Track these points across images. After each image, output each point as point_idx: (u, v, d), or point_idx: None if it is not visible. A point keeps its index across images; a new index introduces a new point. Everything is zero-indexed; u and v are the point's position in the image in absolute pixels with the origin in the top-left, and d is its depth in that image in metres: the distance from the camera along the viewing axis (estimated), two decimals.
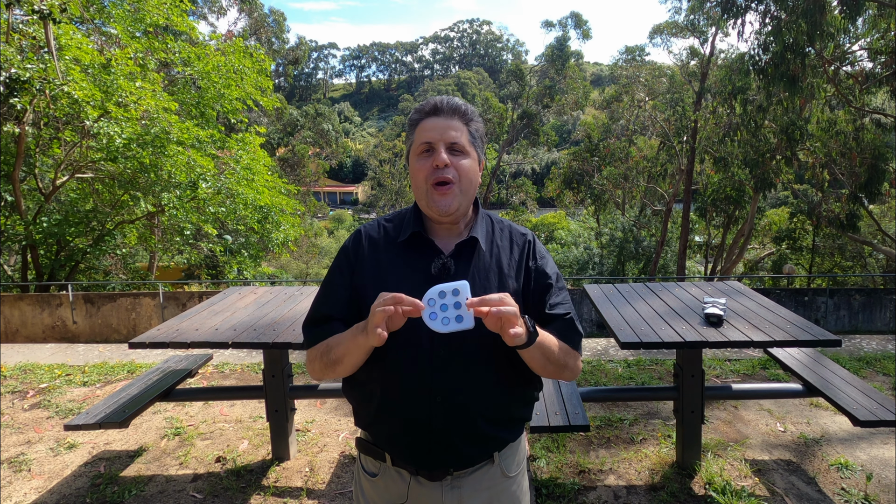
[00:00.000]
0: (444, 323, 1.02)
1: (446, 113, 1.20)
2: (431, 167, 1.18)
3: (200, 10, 24.44)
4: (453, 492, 1.22)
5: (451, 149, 1.19)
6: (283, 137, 26.63)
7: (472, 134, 1.23)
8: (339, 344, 1.17)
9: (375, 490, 1.28)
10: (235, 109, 10.00)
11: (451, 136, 1.19)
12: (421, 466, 1.21)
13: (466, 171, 1.20)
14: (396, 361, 1.17)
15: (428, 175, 1.18)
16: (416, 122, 1.23)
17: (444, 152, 1.17)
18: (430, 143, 1.19)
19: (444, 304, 1.02)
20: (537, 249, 1.28)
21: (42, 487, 2.88)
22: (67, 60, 7.21)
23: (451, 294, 1.02)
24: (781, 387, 3.11)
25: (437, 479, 1.21)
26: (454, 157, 1.19)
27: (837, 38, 9.49)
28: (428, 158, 1.19)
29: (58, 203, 9.54)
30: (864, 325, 8.22)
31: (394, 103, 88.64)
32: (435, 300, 1.03)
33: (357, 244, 1.27)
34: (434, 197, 1.18)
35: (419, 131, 1.21)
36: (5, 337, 7.29)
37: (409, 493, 1.23)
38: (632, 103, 19.15)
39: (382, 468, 1.26)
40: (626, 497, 2.67)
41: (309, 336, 1.26)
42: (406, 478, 1.23)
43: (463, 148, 1.20)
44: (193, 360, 3.43)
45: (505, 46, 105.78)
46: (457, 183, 1.19)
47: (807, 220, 14.78)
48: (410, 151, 1.24)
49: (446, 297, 1.02)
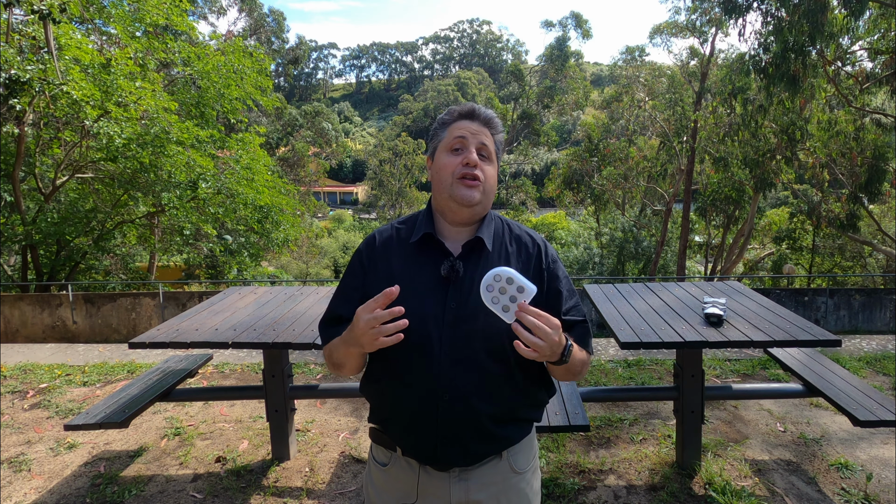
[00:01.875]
0: (493, 301, 1.06)
1: (481, 119, 1.27)
2: (461, 163, 1.22)
3: (200, 10, 24.44)
4: (461, 484, 1.24)
5: (479, 152, 1.24)
6: (283, 137, 26.63)
7: (497, 144, 1.29)
8: (337, 349, 1.23)
9: (385, 480, 1.31)
10: (235, 109, 10.00)
11: (483, 139, 1.25)
12: (428, 461, 1.24)
13: (490, 176, 1.26)
14: (407, 360, 1.20)
15: (455, 169, 1.23)
16: (448, 122, 1.28)
17: (475, 152, 1.23)
18: (464, 139, 1.23)
19: (504, 287, 1.05)
20: (549, 253, 1.31)
21: (42, 487, 2.88)
22: (67, 60, 7.20)
23: (517, 289, 1.05)
24: (781, 387, 3.11)
25: (444, 470, 1.24)
26: (482, 160, 1.24)
27: (839, 38, 9.48)
28: (458, 155, 1.24)
29: (58, 203, 9.53)
30: (864, 325, 8.22)
31: (394, 103, 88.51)
32: (501, 278, 1.06)
33: (370, 247, 1.31)
34: (460, 188, 1.22)
35: (452, 129, 1.26)
36: (5, 337, 7.29)
37: (419, 483, 1.26)
38: (632, 103, 19.13)
39: (393, 458, 1.30)
40: (626, 497, 2.67)
41: (322, 335, 1.33)
42: (415, 468, 1.26)
43: (490, 154, 1.27)
44: (193, 360, 3.43)
45: (505, 46, 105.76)
46: (482, 182, 1.24)
47: (807, 220, 14.77)
48: (438, 147, 1.28)
49: (513, 285, 1.05)
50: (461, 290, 1.21)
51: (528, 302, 1.05)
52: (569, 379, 1.26)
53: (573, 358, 1.18)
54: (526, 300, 1.05)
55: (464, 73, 79.05)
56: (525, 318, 1.04)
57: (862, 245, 14.94)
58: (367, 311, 1.08)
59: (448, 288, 1.21)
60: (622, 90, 19.49)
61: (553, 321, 1.07)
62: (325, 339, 1.31)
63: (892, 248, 13.97)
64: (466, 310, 1.19)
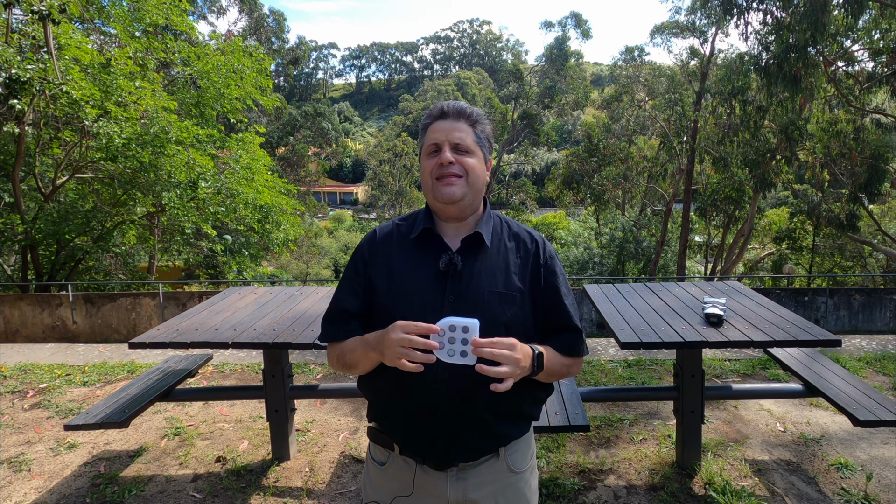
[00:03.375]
0: (449, 354, 1.08)
1: (452, 116, 1.28)
2: (437, 164, 1.25)
3: (200, 10, 24.44)
4: (458, 483, 1.25)
5: (455, 149, 1.25)
6: (283, 137, 26.62)
7: (478, 135, 1.29)
8: (353, 351, 1.24)
9: (383, 479, 1.32)
10: (235, 109, 9.99)
11: (456, 136, 1.25)
12: (427, 457, 1.24)
13: (472, 167, 1.26)
14: None
15: (433, 170, 1.26)
16: (426, 126, 1.31)
17: (448, 151, 1.24)
18: (437, 143, 1.26)
19: (452, 337, 1.07)
20: (547, 249, 1.32)
21: (42, 487, 2.88)
22: (67, 60, 7.20)
23: (461, 330, 1.07)
24: (781, 387, 3.11)
25: (442, 469, 1.24)
26: (459, 155, 1.25)
27: (839, 38, 9.49)
28: (435, 157, 1.26)
29: (58, 203, 9.53)
30: (864, 325, 8.22)
31: (394, 103, 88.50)
32: (445, 332, 1.07)
33: (371, 242, 1.34)
34: (439, 187, 1.25)
35: (428, 134, 1.29)
36: (5, 337, 7.29)
37: (416, 481, 1.26)
38: (632, 103, 19.14)
39: (391, 457, 1.30)
40: (626, 497, 2.67)
41: (326, 331, 1.33)
42: (413, 466, 1.27)
43: (468, 148, 1.26)
44: (193, 360, 3.43)
45: (505, 46, 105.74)
46: (463, 177, 1.25)
47: (807, 220, 14.78)
48: (421, 153, 1.31)
49: (456, 331, 1.07)
50: (459, 284, 1.23)
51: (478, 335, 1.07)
52: (555, 380, 1.28)
53: (549, 364, 1.21)
54: (475, 335, 1.06)
55: (464, 73, 79.07)
56: (483, 353, 1.06)
57: (862, 245, 14.94)
58: (406, 329, 1.08)
59: (446, 282, 1.23)
60: (622, 90, 19.48)
61: (506, 341, 1.09)
62: (327, 335, 1.32)
63: (892, 248, 13.97)
64: (465, 303, 1.20)
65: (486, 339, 1.07)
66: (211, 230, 9.34)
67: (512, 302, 1.24)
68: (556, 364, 1.25)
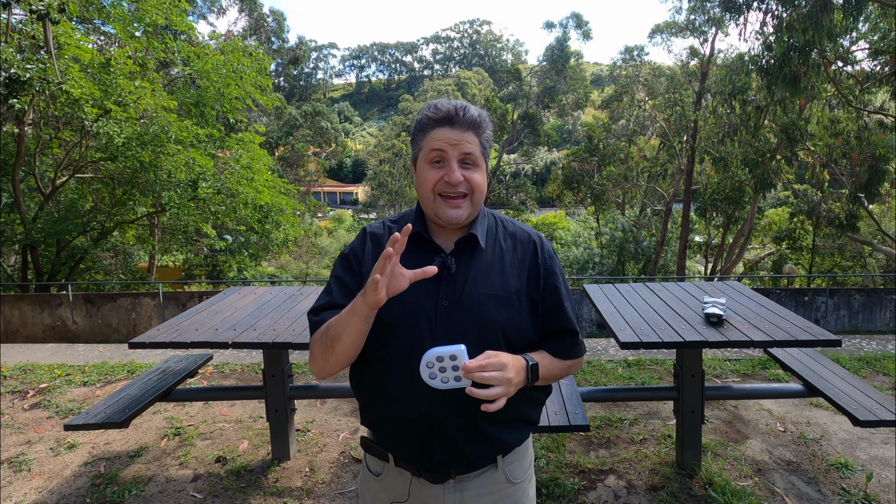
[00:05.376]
0: (443, 382, 1.06)
1: (461, 125, 1.15)
2: (442, 180, 1.15)
3: (200, 10, 24.45)
4: (455, 494, 1.21)
5: (462, 161, 1.16)
6: (283, 137, 26.63)
7: (483, 143, 1.20)
8: (337, 320, 1.14)
9: (379, 489, 1.28)
10: (235, 109, 10.00)
11: (466, 148, 1.15)
12: (423, 467, 1.20)
13: (478, 184, 1.18)
14: (398, 359, 1.16)
15: (436, 185, 1.16)
16: (426, 127, 1.18)
17: (457, 170, 1.15)
18: (443, 155, 1.15)
19: (442, 366, 1.05)
20: (545, 248, 1.28)
21: (42, 487, 2.88)
22: (66, 59, 7.20)
23: (449, 359, 1.04)
24: (781, 387, 3.11)
25: (439, 482, 1.20)
26: (465, 169, 1.16)
27: (840, 38, 9.48)
28: (439, 169, 1.16)
29: (57, 203, 9.54)
30: (864, 325, 8.22)
31: (394, 103, 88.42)
32: (433, 363, 1.05)
33: (362, 243, 1.28)
34: (444, 208, 1.17)
35: (430, 138, 1.17)
36: (5, 337, 7.29)
37: (412, 492, 1.22)
38: (632, 103, 19.15)
39: (386, 468, 1.26)
40: (626, 497, 2.67)
41: (312, 322, 1.23)
42: (408, 478, 1.22)
43: (475, 160, 1.17)
44: (193, 360, 3.43)
45: (505, 46, 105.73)
46: (469, 196, 1.18)
47: (807, 220, 14.77)
48: (419, 156, 1.20)
49: (444, 360, 1.05)
50: (453, 286, 1.18)
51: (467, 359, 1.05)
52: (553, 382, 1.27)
53: (545, 371, 1.19)
54: (465, 360, 1.04)
55: (464, 73, 79.00)
56: (474, 377, 1.03)
57: (862, 245, 14.95)
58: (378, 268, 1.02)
59: (440, 285, 1.17)
60: (622, 90, 19.49)
61: (496, 361, 1.04)
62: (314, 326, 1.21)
63: (892, 248, 13.97)
64: (459, 306, 1.16)
65: (475, 362, 1.03)
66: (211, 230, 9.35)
67: (508, 304, 1.19)
68: (554, 369, 1.22)
